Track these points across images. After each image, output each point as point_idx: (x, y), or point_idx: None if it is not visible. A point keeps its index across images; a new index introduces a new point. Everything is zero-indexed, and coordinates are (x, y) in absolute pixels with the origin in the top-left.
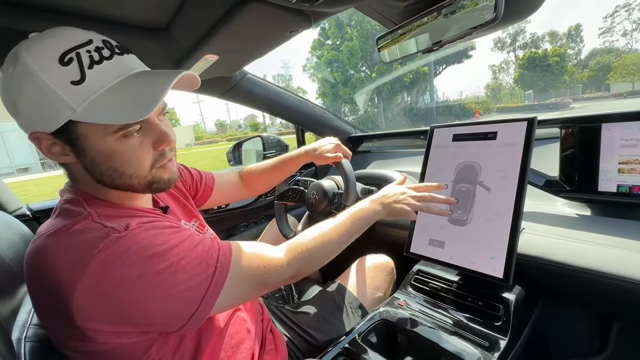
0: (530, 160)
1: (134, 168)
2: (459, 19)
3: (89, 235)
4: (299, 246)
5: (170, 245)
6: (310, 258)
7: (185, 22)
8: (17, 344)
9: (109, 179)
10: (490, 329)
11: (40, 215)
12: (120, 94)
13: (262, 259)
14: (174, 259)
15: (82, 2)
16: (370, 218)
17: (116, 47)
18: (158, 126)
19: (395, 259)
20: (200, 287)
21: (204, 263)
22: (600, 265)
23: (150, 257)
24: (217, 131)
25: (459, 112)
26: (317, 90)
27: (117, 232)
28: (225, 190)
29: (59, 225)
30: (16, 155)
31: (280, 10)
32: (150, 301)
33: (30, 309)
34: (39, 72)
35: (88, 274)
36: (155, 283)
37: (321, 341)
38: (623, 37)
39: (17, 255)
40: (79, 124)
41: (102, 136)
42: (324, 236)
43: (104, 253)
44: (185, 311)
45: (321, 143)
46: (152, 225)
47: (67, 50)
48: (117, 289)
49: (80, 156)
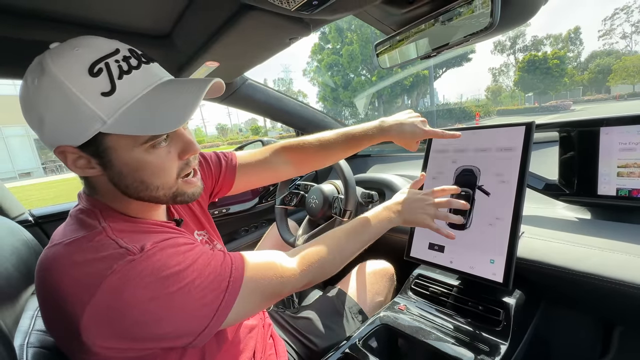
0: (529, 164)
1: (161, 179)
2: (456, 25)
3: (102, 254)
4: (312, 255)
5: (185, 265)
6: (323, 267)
7: (187, 29)
8: (20, 350)
9: (134, 191)
10: (491, 334)
11: (43, 221)
12: (151, 104)
13: (275, 270)
14: (188, 279)
15: (85, 11)
16: (385, 227)
17: (142, 56)
18: (184, 135)
19: (395, 264)
20: (213, 304)
21: (218, 279)
22: (600, 270)
23: (164, 278)
24: (219, 135)
25: (460, 115)
26: (317, 93)
27: (132, 254)
28: (257, 172)
29: (73, 237)
30: (18, 159)
31: (280, 18)
32: (161, 322)
33: (33, 314)
34: (68, 83)
35: (99, 295)
36: (168, 305)
37: (321, 347)
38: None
39: (20, 262)
40: (108, 136)
41: (130, 148)
42: (337, 245)
43: (117, 275)
44: (196, 328)
45: (402, 118)
46: (167, 244)
47: (95, 61)
48: (128, 311)
49: (107, 169)
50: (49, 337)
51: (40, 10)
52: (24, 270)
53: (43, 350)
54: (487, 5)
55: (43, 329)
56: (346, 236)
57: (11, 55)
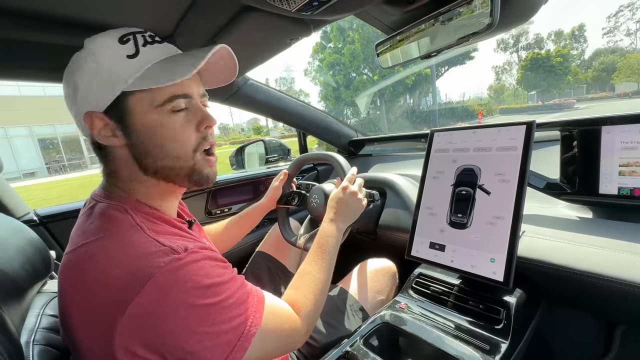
0: (530, 163)
1: (179, 146)
2: (456, 25)
3: (147, 252)
4: (304, 305)
5: (224, 280)
6: (316, 308)
7: (189, 30)
8: (26, 348)
9: (153, 160)
10: (492, 332)
11: (47, 221)
12: (167, 65)
13: (289, 318)
14: (224, 295)
15: (87, 13)
16: (339, 238)
17: (164, 39)
18: (202, 108)
19: (397, 263)
20: (238, 330)
21: (245, 304)
22: (601, 269)
23: (205, 287)
24: (221, 134)
25: (462, 114)
26: (319, 93)
27: (177, 253)
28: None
29: (107, 232)
30: (22, 159)
31: (280, 19)
32: (192, 335)
33: (39, 312)
34: (100, 51)
35: (144, 294)
36: (203, 316)
37: (322, 343)
38: (627, 37)
39: (26, 261)
40: (129, 99)
41: (149, 109)
42: (315, 282)
43: (164, 275)
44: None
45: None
46: (208, 254)
47: (126, 34)
48: (167, 315)
49: (128, 135)
50: (55, 335)
51: (41, 13)
52: (29, 269)
53: (49, 347)
54: (486, 4)
55: (49, 327)
56: (317, 270)
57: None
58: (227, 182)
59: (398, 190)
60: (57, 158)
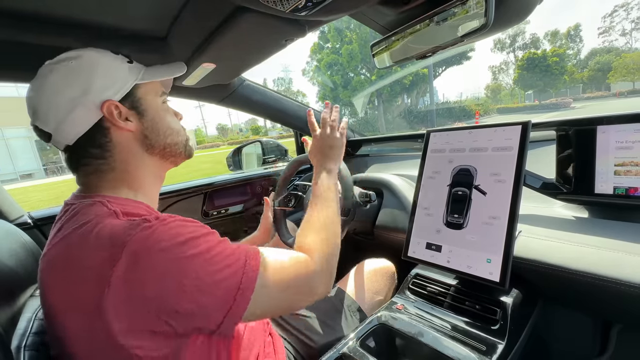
0: (525, 163)
1: (177, 125)
2: (451, 25)
3: (119, 228)
4: (313, 243)
5: (201, 233)
6: (328, 244)
7: (183, 31)
8: (17, 353)
9: (163, 136)
10: (488, 333)
11: (42, 223)
12: (156, 69)
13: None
14: (203, 247)
15: (81, 14)
16: (333, 179)
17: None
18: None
19: (396, 263)
20: (230, 281)
21: (234, 255)
22: (597, 268)
23: (182, 243)
24: (219, 135)
25: (459, 114)
26: (317, 93)
27: (148, 221)
28: None
29: (82, 222)
30: (19, 161)
31: (275, 19)
32: (181, 293)
33: (31, 317)
34: (103, 58)
35: (121, 264)
36: (184, 270)
37: (319, 344)
38: (622, 37)
39: (18, 264)
40: (140, 88)
41: (154, 97)
42: (319, 222)
43: (136, 242)
44: (221, 304)
45: None
46: (178, 218)
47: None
48: (148, 277)
49: (142, 117)
50: (47, 339)
51: (34, 13)
52: (22, 272)
53: (40, 353)
54: (481, 5)
55: (41, 331)
56: (319, 209)
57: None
58: (223, 184)
59: (395, 190)
60: (54, 159)
